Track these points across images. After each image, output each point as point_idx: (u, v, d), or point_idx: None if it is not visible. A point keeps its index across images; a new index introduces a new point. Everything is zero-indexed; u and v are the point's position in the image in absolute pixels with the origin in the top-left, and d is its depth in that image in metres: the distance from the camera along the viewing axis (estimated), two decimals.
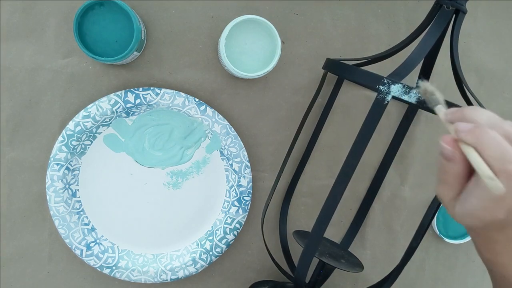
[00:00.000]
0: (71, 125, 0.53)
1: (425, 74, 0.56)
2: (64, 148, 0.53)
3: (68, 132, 0.53)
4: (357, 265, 0.53)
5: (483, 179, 0.29)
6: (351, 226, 0.61)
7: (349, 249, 0.61)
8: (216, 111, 0.55)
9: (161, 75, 0.56)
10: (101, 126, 0.54)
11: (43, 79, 0.54)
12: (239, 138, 0.56)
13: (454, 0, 0.43)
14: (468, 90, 0.48)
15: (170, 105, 0.54)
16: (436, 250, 0.64)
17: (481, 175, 0.29)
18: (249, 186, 0.57)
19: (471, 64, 0.62)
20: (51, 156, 0.53)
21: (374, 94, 0.60)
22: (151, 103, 0.54)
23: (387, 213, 0.62)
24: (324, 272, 0.55)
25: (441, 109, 0.34)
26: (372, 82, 0.41)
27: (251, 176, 0.57)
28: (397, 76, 0.41)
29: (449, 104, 0.40)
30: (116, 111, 0.54)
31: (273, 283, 0.56)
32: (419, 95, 0.39)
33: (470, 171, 0.32)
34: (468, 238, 0.63)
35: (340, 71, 0.49)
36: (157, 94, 0.54)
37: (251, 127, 0.58)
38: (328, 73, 0.56)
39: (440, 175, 0.33)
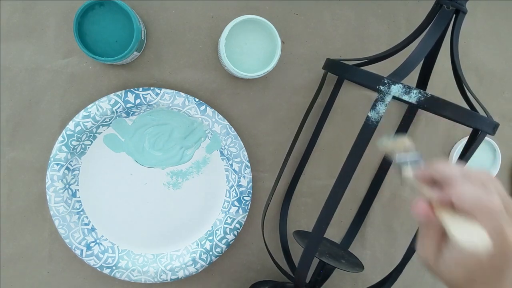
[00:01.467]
0: (71, 125, 0.53)
1: (425, 74, 0.56)
2: (64, 148, 0.53)
3: (68, 132, 0.53)
4: (357, 265, 0.53)
5: (458, 244, 0.30)
6: (351, 226, 0.62)
7: (349, 249, 0.61)
8: (216, 111, 0.55)
9: (161, 75, 0.56)
10: (101, 126, 0.54)
11: (43, 79, 0.54)
12: (239, 138, 0.56)
13: (454, 0, 0.43)
14: (468, 90, 0.48)
15: (170, 105, 0.54)
16: None
17: (456, 241, 0.30)
18: (249, 186, 0.57)
19: (471, 64, 0.62)
20: (51, 156, 0.53)
21: (374, 94, 0.60)
22: (151, 103, 0.54)
23: (387, 213, 0.62)
24: (324, 272, 0.55)
25: (408, 170, 0.33)
26: (372, 82, 0.41)
27: (251, 176, 0.57)
28: (397, 76, 0.41)
29: (457, 108, 0.40)
30: (116, 111, 0.53)
31: (273, 283, 0.56)
32: (387, 149, 0.36)
33: None
34: None
35: (340, 71, 0.49)
36: (157, 94, 0.54)
37: (251, 127, 0.58)
38: (328, 73, 0.56)
39: (420, 232, 0.34)
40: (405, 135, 0.34)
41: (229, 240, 0.57)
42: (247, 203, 0.57)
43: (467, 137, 0.50)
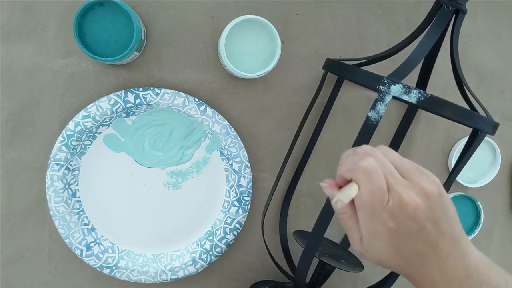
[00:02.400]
0: (71, 125, 0.53)
1: (425, 74, 0.56)
2: (64, 148, 0.53)
3: (68, 132, 0.53)
4: (357, 265, 0.53)
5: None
6: None
7: (349, 249, 0.61)
8: (216, 111, 0.55)
9: (161, 75, 0.56)
10: (101, 126, 0.54)
11: (43, 79, 0.54)
12: (239, 138, 0.56)
13: (454, 0, 0.43)
14: (468, 90, 0.48)
15: (170, 105, 0.54)
16: None
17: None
18: (249, 186, 0.57)
19: (471, 64, 0.62)
20: (51, 156, 0.53)
21: (374, 94, 0.60)
22: (151, 103, 0.54)
23: None
24: (324, 272, 0.55)
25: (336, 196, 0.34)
26: (372, 82, 0.41)
27: (251, 176, 0.57)
28: (397, 76, 0.41)
29: (457, 109, 0.41)
30: (116, 111, 0.53)
31: (273, 283, 0.56)
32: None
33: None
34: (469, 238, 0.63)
35: (340, 71, 0.49)
36: (157, 94, 0.54)
37: (251, 127, 0.58)
38: (328, 73, 0.56)
39: (344, 227, 0.36)
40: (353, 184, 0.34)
41: (229, 240, 0.57)
42: (247, 203, 0.57)
43: (467, 137, 0.50)
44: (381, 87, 0.40)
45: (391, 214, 0.32)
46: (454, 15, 0.44)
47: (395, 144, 0.61)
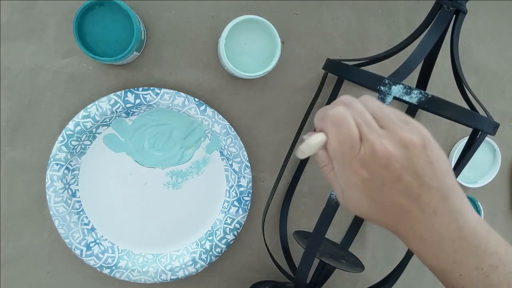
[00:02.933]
0: (71, 125, 0.53)
1: (425, 74, 0.56)
2: (64, 148, 0.53)
3: (68, 132, 0.53)
4: (357, 265, 0.53)
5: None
6: (351, 226, 0.61)
7: (349, 249, 0.61)
8: (216, 111, 0.55)
9: (161, 75, 0.56)
10: (101, 126, 0.54)
11: (43, 79, 0.54)
12: (239, 138, 0.56)
13: (454, 0, 0.43)
14: (468, 90, 0.48)
15: (170, 105, 0.54)
16: None
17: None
18: (249, 186, 0.57)
19: (471, 64, 0.62)
20: (51, 156, 0.53)
21: (374, 95, 0.60)
22: (151, 103, 0.54)
23: None
24: (324, 272, 0.55)
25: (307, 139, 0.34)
26: (373, 82, 0.41)
27: (251, 176, 0.57)
28: (398, 76, 0.41)
29: (457, 108, 0.41)
30: (116, 111, 0.53)
31: (274, 283, 0.56)
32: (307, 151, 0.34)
33: None
34: None
35: (341, 72, 0.49)
36: (157, 94, 0.54)
37: (251, 127, 0.58)
38: (329, 73, 0.56)
39: (329, 181, 0.36)
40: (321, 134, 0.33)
41: (229, 240, 0.57)
42: (247, 203, 0.57)
43: (467, 137, 0.50)
44: (382, 88, 0.40)
45: (363, 162, 0.30)
46: (454, 15, 0.44)
47: None
